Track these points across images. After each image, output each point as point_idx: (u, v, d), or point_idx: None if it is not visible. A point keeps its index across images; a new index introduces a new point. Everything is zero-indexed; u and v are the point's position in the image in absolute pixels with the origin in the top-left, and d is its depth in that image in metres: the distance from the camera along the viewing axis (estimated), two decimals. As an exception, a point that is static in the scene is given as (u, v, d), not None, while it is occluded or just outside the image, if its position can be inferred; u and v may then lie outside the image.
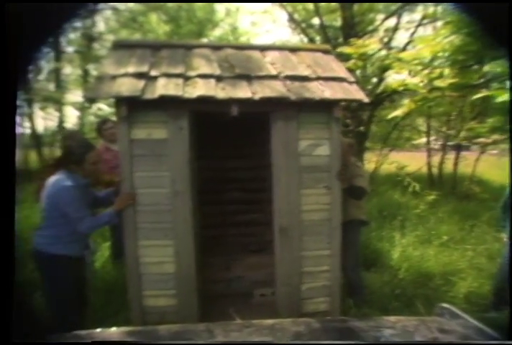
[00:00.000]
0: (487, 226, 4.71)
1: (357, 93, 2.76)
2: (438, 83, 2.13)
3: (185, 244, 2.64)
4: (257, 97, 2.49)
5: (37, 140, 10.96)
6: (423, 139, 9.88)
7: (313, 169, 2.74)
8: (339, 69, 3.05)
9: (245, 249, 3.71)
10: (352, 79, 2.93)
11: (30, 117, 10.62)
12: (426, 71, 2.11)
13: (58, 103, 9.90)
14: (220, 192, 3.98)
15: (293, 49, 3.33)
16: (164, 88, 2.45)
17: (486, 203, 6.02)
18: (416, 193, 5.47)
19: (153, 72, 2.63)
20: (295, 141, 2.69)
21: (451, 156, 9.19)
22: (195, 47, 3.17)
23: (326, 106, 2.67)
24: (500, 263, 3.35)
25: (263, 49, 3.27)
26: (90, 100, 7.72)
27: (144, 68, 2.66)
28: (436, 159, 9.52)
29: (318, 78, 2.84)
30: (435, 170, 9.54)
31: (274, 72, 2.84)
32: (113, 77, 2.53)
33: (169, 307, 2.64)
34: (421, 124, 10.22)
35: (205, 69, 2.76)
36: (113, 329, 1.70)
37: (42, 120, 11.65)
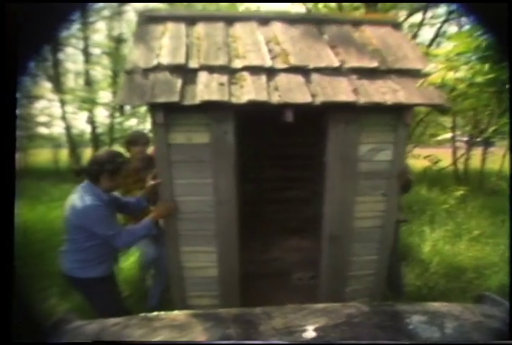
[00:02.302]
0: (518, 220, 4.70)
1: (437, 97, 2.29)
2: (477, 79, 2.19)
3: (230, 250, 2.52)
4: (318, 101, 2.15)
5: (71, 140, 11.29)
6: (448, 135, 9.75)
7: (372, 175, 2.49)
8: (414, 54, 2.55)
9: (284, 228, 3.69)
10: (429, 68, 2.37)
11: (64, 118, 10.96)
12: (465, 66, 2.17)
13: (91, 104, 10.16)
14: (259, 169, 3.87)
15: (356, 23, 2.85)
16: (206, 89, 2.15)
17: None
18: (443, 188, 5.48)
19: (191, 64, 2.34)
20: (355, 145, 2.41)
21: (476, 152, 9.07)
22: (237, 19, 2.80)
23: (396, 110, 2.32)
24: None
25: (319, 21, 2.82)
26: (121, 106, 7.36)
27: (181, 58, 2.34)
28: (462, 155, 9.40)
29: (390, 71, 2.43)
30: (461, 166, 9.42)
31: (336, 62, 2.42)
32: (145, 73, 2.26)
33: (212, 307, 2.59)
34: (445, 120, 10.08)
35: (252, 57, 2.39)
36: (177, 312, 1.85)
37: (74, 120, 11.97)
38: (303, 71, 2.38)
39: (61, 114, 11.18)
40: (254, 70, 2.35)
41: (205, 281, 2.56)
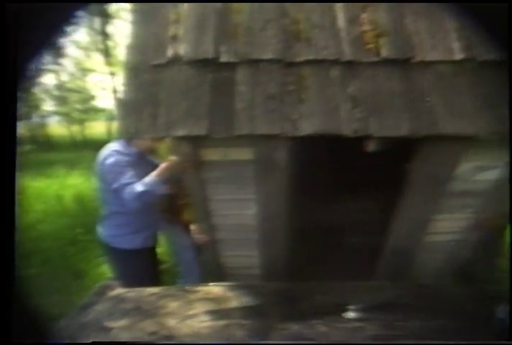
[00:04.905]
0: None
1: None
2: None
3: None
4: (415, 134, 1.53)
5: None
6: None
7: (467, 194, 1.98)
8: None
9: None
10: None
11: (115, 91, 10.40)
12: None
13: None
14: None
15: None
16: (246, 113, 1.54)
17: None
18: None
19: (224, 57, 1.64)
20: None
21: None
22: None
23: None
24: None
25: None
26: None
27: (208, 48, 1.64)
28: None
29: None
30: None
31: (457, 54, 1.63)
32: (157, 70, 1.65)
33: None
34: None
35: (320, 39, 1.64)
36: (213, 284, 1.90)
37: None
38: (399, 66, 1.62)
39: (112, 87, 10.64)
40: (322, 66, 1.63)
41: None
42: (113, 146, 2.07)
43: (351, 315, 1.56)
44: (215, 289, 1.87)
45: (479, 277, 2.94)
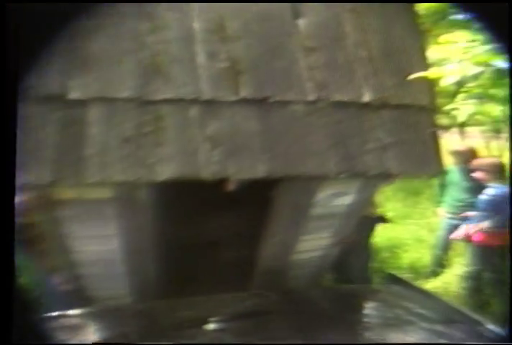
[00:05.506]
0: (428, 201, 5.20)
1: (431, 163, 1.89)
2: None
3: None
4: (271, 176, 1.57)
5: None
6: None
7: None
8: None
9: None
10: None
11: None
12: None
13: None
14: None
15: None
16: (98, 157, 1.44)
17: (427, 181, 6.44)
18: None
19: (73, 93, 1.47)
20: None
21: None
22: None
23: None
24: (438, 235, 3.91)
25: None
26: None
27: (53, 83, 1.48)
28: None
29: (384, 106, 1.81)
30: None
31: (312, 93, 1.70)
32: None
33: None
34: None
35: (179, 75, 1.56)
36: (73, 311, 1.75)
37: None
38: (259, 106, 1.64)
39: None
40: (181, 105, 1.56)
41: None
42: None
43: (211, 326, 1.62)
44: (74, 315, 1.75)
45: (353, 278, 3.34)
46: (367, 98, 1.80)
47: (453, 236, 3.42)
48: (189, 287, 2.52)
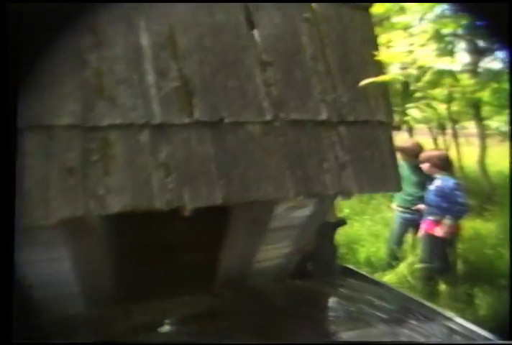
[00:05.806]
0: (381, 197, 5.41)
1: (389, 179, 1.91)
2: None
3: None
4: (228, 202, 1.56)
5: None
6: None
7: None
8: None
9: None
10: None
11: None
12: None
13: None
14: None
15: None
16: (41, 193, 1.30)
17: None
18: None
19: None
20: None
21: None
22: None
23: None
24: (392, 228, 4.09)
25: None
26: None
27: None
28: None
29: (341, 122, 1.81)
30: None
31: (268, 113, 1.67)
32: None
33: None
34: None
35: (126, 97, 1.46)
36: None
37: None
38: (214, 129, 1.57)
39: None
40: (130, 130, 1.44)
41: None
42: None
43: (166, 328, 1.61)
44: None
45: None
46: (324, 115, 1.79)
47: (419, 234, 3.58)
48: (146, 292, 2.36)
